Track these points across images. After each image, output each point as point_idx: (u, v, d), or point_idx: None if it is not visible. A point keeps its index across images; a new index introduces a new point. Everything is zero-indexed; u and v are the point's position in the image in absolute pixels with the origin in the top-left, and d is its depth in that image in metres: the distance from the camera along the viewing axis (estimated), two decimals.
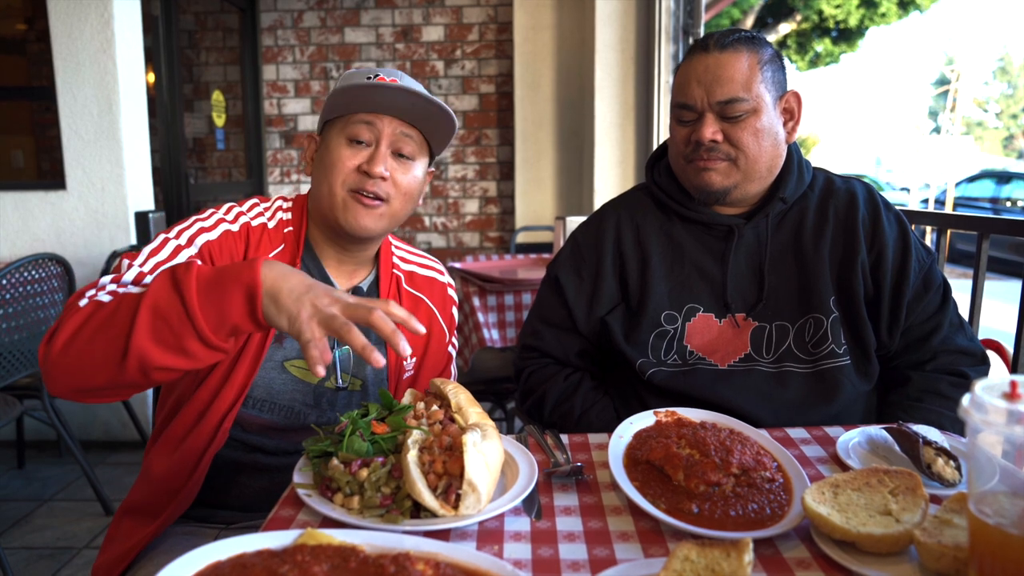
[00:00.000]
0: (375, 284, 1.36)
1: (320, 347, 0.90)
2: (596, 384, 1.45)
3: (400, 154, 1.26)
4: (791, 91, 1.38)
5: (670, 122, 1.42)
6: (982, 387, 0.66)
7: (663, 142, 1.51)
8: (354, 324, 0.90)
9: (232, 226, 1.25)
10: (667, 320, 1.37)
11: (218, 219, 1.24)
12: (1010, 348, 1.81)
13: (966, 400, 0.67)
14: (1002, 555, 0.66)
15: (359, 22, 4.83)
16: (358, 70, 1.27)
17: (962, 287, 1.89)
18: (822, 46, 12.90)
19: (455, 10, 4.79)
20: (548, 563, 0.82)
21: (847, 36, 12.64)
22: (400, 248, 1.44)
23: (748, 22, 11.17)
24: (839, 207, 1.39)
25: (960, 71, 22.77)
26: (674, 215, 1.43)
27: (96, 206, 3.47)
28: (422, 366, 1.38)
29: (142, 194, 3.58)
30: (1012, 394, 0.64)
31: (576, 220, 2.39)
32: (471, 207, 4.98)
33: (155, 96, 3.92)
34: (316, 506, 0.89)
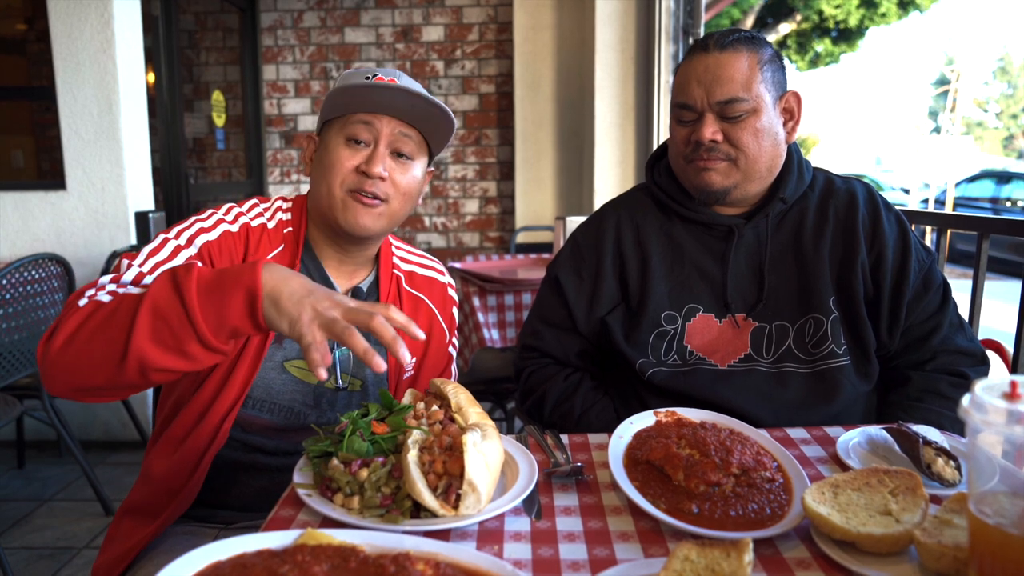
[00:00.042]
0: (375, 284, 1.36)
1: (321, 350, 0.90)
2: (596, 384, 1.45)
3: (399, 154, 1.26)
4: (791, 91, 1.38)
5: (670, 122, 1.42)
6: (982, 387, 0.66)
7: (663, 142, 1.51)
8: (355, 328, 0.90)
9: (232, 227, 1.25)
10: (667, 320, 1.37)
11: (218, 219, 1.24)
12: (1010, 348, 1.81)
13: (966, 400, 0.67)
14: (1002, 555, 0.66)
15: (359, 22, 4.83)
16: (357, 70, 1.27)
17: (962, 287, 1.89)
18: (822, 46, 12.90)
19: (455, 10, 4.79)
20: (548, 563, 0.82)
21: (847, 36, 12.64)
22: (400, 248, 1.44)
23: (748, 22, 11.17)
24: (839, 207, 1.40)
25: (960, 71, 22.76)
26: (674, 215, 1.43)
27: (96, 206, 3.47)
28: (422, 366, 1.38)
29: (142, 194, 3.58)
30: (1012, 394, 0.64)
31: (576, 220, 2.39)
32: (471, 207, 4.98)
33: (155, 96, 3.92)
34: (316, 506, 0.89)
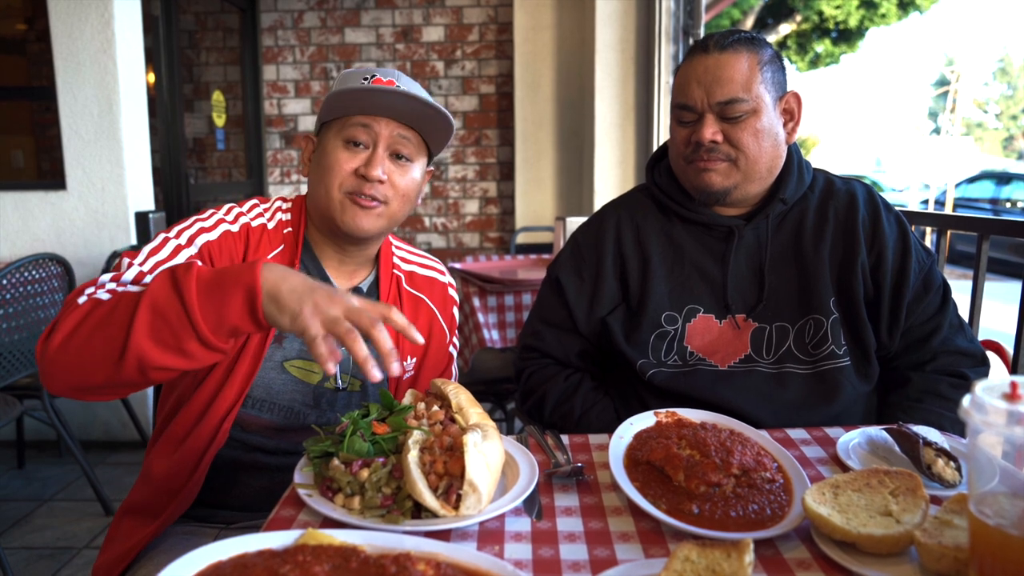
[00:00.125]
0: (375, 284, 1.36)
1: (328, 343, 0.90)
2: (596, 385, 1.45)
3: (398, 156, 1.25)
4: (791, 92, 1.38)
5: (670, 123, 1.42)
6: (982, 388, 0.66)
7: (663, 143, 1.51)
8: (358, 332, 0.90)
9: (232, 226, 1.25)
10: (667, 321, 1.37)
11: (218, 219, 1.24)
12: (1010, 349, 1.81)
13: (966, 401, 0.67)
14: (1002, 556, 0.66)
15: (359, 22, 4.83)
16: (356, 70, 1.26)
17: (962, 288, 1.89)
18: (822, 47, 12.91)
19: (455, 10, 4.80)
20: (549, 563, 0.82)
21: (847, 37, 12.64)
22: (400, 248, 1.44)
23: (748, 23, 11.18)
24: (839, 208, 1.40)
25: (960, 72, 22.77)
26: (674, 216, 1.43)
27: (96, 206, 3.47)
28: (423, 366, 1.38)
29: (142, 194, 3.58)
30: (1012, 395, 0.64)
31: (576, 220, 2.40)
32: (471, 207, 4.98)
33: (155, 96, 3.92)
34: (317, 506, 0.89)
